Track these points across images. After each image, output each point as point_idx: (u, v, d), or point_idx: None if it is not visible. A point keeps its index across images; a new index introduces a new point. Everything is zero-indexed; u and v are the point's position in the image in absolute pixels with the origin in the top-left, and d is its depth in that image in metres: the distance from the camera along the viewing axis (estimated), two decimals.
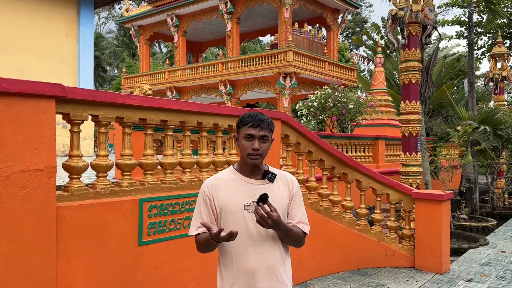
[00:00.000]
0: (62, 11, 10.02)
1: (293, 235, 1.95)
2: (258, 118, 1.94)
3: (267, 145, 1.95)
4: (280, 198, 1.98)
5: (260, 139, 1.92)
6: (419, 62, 6.92)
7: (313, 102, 12.31)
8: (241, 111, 4.53)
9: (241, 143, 1.95)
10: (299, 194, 2.06)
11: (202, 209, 2.00)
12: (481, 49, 21.07)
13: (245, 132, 1.94)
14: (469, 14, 13.31)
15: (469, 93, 12.75)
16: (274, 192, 1.96)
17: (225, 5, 19.23)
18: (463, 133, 8.58)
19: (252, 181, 1.97)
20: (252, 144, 1.91)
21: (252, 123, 1.93)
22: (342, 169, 5.69)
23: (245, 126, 1.94)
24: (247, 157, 1.93)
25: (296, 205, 2.04)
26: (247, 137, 1.93)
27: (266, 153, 1.96)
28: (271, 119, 2.01)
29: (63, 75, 10.44)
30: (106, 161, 3.16)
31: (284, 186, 2.03)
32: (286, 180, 2.05)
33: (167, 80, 21.82)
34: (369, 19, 43.02)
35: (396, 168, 9.88)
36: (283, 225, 1.86)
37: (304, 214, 2.05)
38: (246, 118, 1.96)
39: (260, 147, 1.91)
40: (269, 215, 1.75)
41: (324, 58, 19.10)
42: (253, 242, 1.91)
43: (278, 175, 2.02)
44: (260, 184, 1.97)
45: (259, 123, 1.92)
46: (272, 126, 1.99)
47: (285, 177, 2.06)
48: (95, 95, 3.03)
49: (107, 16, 54.41)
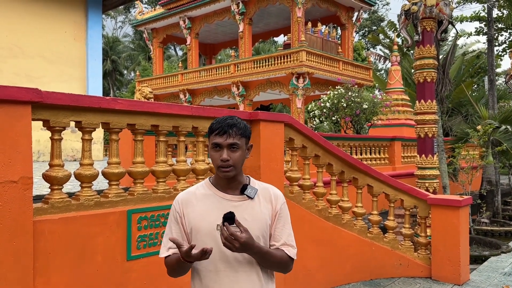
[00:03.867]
0: (70, 14, 9.97)
1: (274, 259, 1.67)
2: (226, 123, 1.65)
3: (239, 154, 1.66)
4: (261, 216, 1.71)
5: (229, 148, 1.64)
6: (434, 60, 6.56)
7: (326, 103, 11.99)
8: (241, 114, 4.29)
9: (210, 154, 1.69)
10: (284, 212, 1.78)
11: (173, 228, 1.75)
12: (502, 45, 20.33)
13: (212, 141, 1.67)
14: (488, 9, 12.78)
15: (490, 91, 12.23)
16: (254, 209, 1.70)
17: (237, 6, 19.05)
18: (483, 133, 8.17)
19: (229, 197, 1.71)
20: (220, 154, 1.64)
21: (218, 130, 1.65)
22: (352, 173, 5.38)
23: (212, 134, 1.68)
24: (218, 169, 1.67)
25: (280, 224, 1.76)
26: (214, 146, 1.66)
27: (239, 163, 1.67)
28: (246, 123, 1.74)
29: (71, 79, 10.39)
30: (91, 170, 2.95)
31: (267, 202, 1.75)
32: (269, 196, 1.76)
33: (180, 82, 21.78)
34: (386, 17, 42.28)
35: (414, 170, 9.51)
36: (258, 248, 1.58)
37: (290, 235, 1.77)
38: (213, 124, 1.69)
39: (230, 157, 1.63)
40: (235, 236, 1.48)
41: (338, 57, 18.72)
42: (226, 267, 1.65)
43: (260, 190, 1.75)
44: (237, 200, 1.71)
45: (226, 129, 1.64)
46: (245, 131, 1.69)
47: (268, 192, 1.78)
48: (76, 99, 2.83)
49: (123, 20, 54.99)
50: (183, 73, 21.86)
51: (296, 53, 17.00)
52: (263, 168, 4.11)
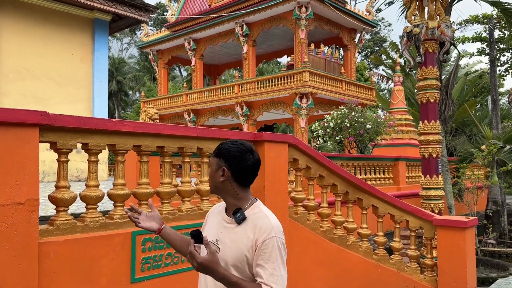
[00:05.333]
0: (77, 37, 10.16)
1: None
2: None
3: (209, 171, 1.80)
4: (238, 245, 1.66)
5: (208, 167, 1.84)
6: (437, 80, 6.60)
7: (329, 123, 12.04)
8: (245, 135, 4.33)
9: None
10: (268, 248, 1.61)
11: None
12: (504, 65, 20.46)
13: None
14: (489, 30, 12.91)
15: (493, 111, 12.24)
16: (236, 234, 1.70)
17: (241, 28, 19.35)
18: (487, 153, 8.14)
19: (225, 217, 1.79)
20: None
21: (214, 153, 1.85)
22: (357, 194, 5.36)
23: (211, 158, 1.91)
24: None
25: (261, 261, 1.60)
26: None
27: (210, 181, 1.81)
28: (231, 146, 1.75)
29: (78, 100, 10.52)
30: (97, 191, 2.97)
31: (249, 233, 1.66)
32: (254, 227, 1.66)
33: (185, 102, 21.96)
34: (388, 38, 42.77)
35: (419, 190, 9.45)
36: (222, 274, 1.53)
37: (273, 275, 1.58)
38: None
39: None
40: (192, 255, 1.51)
41: (341, 77, 18.87)
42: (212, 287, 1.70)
43: (250, 218, 1.69)
44: (228, 222, 1.76)
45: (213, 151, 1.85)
46: (219, 152, 1.76)
47: (254, 223, 1.68)
48: (84, 122, 2.87)
49: (129, 41, 55.91)
50: (187, 93, 22.07)
51: (299, 73, 17.16)
52: (268, 189, 4.11)
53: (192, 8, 23.42)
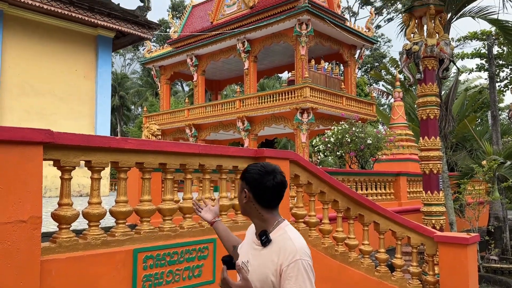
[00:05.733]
0: (81, 54, 10.29)
1: None
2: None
3: (239, 195, 1.83)
4: (264, 269, 1.66)
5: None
6: (436, 97, 6.66)
7: (330, 138, 12.08)
8: (246, 152, 4.36)
9: None
10: (293, 272, 1.58)
11: None
12: (504, 81, 20.59)
13: None
14: (488, 47, 13.04)
15: (493, 127, 12.28)
16: (262, 257, 1.70)
17: (242, 44, 19.56)
18: (488, 169, 8.14)
19: (255, 239, 1.80)
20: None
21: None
22: (358, 210, 5.36)
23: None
24: None
25: (288, 285, 1.58)
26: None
27: (240, 204, 1.83)
28: (253, 168, 1.80)
29: (81, 115, 10.60)
30: (99, 209, 2.99)
31: (275, 255, 1.66)
32: (278, 249, 1.65)
33: (186, 117, 22.07)
34: (388, 53, 43.11)
35: (420, 206, 9.43)
36: None
37: None
38: None
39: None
40: (225, 282, 1.56)
41: (342, 93, 18.99)
42: None
43: (276, 241, 1.69)
44: (257, 245, 1.76)
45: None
46: (243, 175, 1.81)
47: (279, 246, 1.67)
48: (87, 139, 2.91)
49: (132, 57, 56.40)
50: (189, 108, 22.21)
51: (300, 89, 17.28)
52: None
53: (195, 25, 23.72)
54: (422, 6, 6.69)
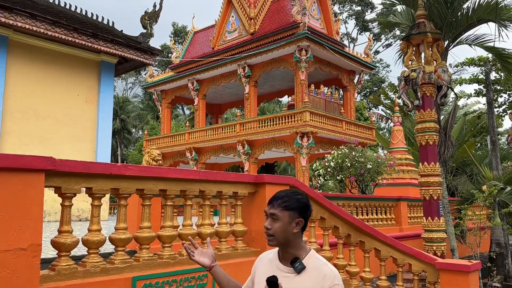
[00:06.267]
0: (83, 79, 10.43)
1: None
2: (276, 196, 1.84)
3: (278, 225, 1.76)
4: None
5: (271, 217, 1.80)
6: (435, 123, 6.72)
7: (330, 162, 12.10)
8: (247, 177, 4.38)
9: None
10: None
11: (249, 277, 2.01)
12: (502, 106, 20.77)
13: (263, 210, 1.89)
14: (486, 73, 13.22)
15: (492, 152, 12.32)
16: (297, 284, 1.73)
17: (243, 69, 19.83)
18: (488, 195, 8.13)
19: (281, 267, 1.80)
20: (265, 222, 1.82)
21: (270, 199, 1.85)
22: (359, 236, 5.33)
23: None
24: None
25: None
26: (265, 214, 1.85)
27: (278, 234, 1.77)
28: (301, 198, 1.83)
29: (82, 140, 10.65)
30: (99, 236, 2.99)
31: (313, 280, 1.73)
32: (317, 274, 1.73)
33: (187, 141, 22.15)
34: (387, 78, 43.59)
35: (421, 231, 9.36)
36: None
37: None
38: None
39: (270, 226, 1.78)
40: None
41: (341, 117, 19.13)
42: None
43: (310, 267, 1.75)
44: (287, 271, 1.78)
45: (272, 200, 1.82)
46: (290, 205, 1.79)
47: (318, 271, 1.74)
48: (88, 166, 2.93)
49: (134, 81, 57.05)
50: (190, 132, 22.32)
51: (300, 113, 17.42)
52: None
53: (196, 50, 24.10)
54: (419, 34, 6.83)
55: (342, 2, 45.05)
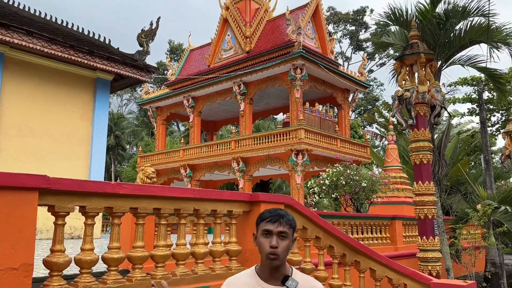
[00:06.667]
0: (79, 96, 10.44)
1: None
2: (277, 213, 1.81)
3: (287, 243, 1.77)
4: None
5: (278, 236, 1.75)
6: (429, 142, 6.78)
7: (325, 180, 12.09)
8: (242, 196, 4.36)
9: (259, 241, 1.78)
10: None
11: None
12: (495, 125, 20.99)
13: (263, 228, 1.78)
14: (478, 93, 13.40)
15: (486, 171, 12.40)
16: None
17: (238, 87, 19.96)
18: (483, 214, 8.14)
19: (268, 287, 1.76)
20: (270, 241, 1.74)
21: (270, 217, 1.78)
22: (354, 256, 5.30)
23: (264, 222, 1.80)
24: (266, 257, 1.74)
25: None
26: (265, 233, 1.77)
27: (285, 253, 1.76)
28: (292, 216, 1.87)
29: (76, 156, 10.60)
30: (91, 255, 2.95)
31: None
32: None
33: (181, 158, 22.09)
34: (381, 97, 44.01)
35: (416, 251, 9.31)
36: None
37: None
38: (265, 213, 1.84)
39: (278, 244, 1.73)
40: None
41: (336, 135, 19.22)
42: None
43: (302, 283, 1.75)
44: None
45: (278, 218, 1.78)
46: (294, 223, 1.84)
47: (309, 284, 1.78)
48: (82, 185, 2.92)
49: (129, 98, 57.16)
50: (184, 148, 22.29)
51: (295, 131, 17.48)
52: None
53: (192, 67, 24.27)
54: (412, 54, 6.94)
55: (337, 22, 45.78)
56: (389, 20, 8.76)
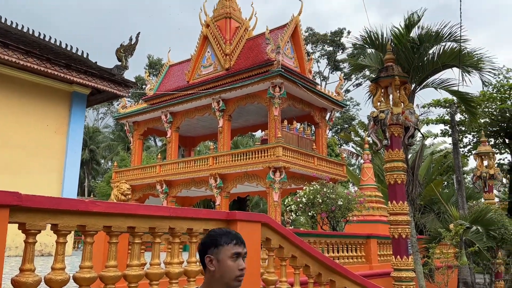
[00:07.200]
0: (54, 109, 10.26)
1: None
2: (238, 235, 1.81)
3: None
4: None
5: (243, 257, 1.77)
6: (403, 163, 6.93)
7: (302, 198, 12.15)
8: (218, 214, 4.34)
9: (227, 264, 1.71)
10: None
11: None
12: (467, 146, 21.65)
13: (232, 251, 1.74)
14: (451, 115, 13.83)
15: (458, 192, 12.72)
16: None
17: (217, 103, 20.01)
18: (455, 234, 8.31)
19: None
20: (239, 264, 1.73)
21: (236, 240, 1.76)
22: (330, 275, 5.32)
23: (230, 244, 1.75)
24: (234, 280, 1.71)
25: None
26: (235, 255, 1.74)
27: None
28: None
29: (49, 170, 10.35)
30: (62, 275, 2.86)
31: None
32: None
33: (158, 173, 21.82)
34: (357, 116, 44.84)
35: (391, 269, 9.39)
36: None
37: None
38: (225, 235, 1.79)
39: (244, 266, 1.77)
40: None
41: (313, 153, 19.41)
42: None
43: None
44: None
45: (242, 240, 1.79)
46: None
47: None
48: (56, 202, 2.85)
49: (105, 111, 56.40)
50: (161, 164, 22.04)
51: (273, 148, 17.58)
52: None
53: (171, 83, 24.23)
54: (387, 77, 7.13)
55: (315, 42, 46.75)
56: (365, 43, 9.00)
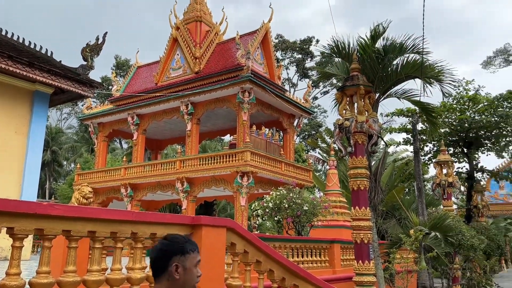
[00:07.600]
0: (14, 108, 9.88)
1: None
2: (192, 241, 1.84)
3: None
4: None
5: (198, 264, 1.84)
6: (366, 169, 7.12)
7: (269, 203, 12.21)
8: (183, 219, 4.31)
9: (192, 272, 1.76)
10: None
11: None
12: (428, 155, 22.44)
13: (198, 259, 1.80)
14: (412, 125, 14.33)
15: (419, 198, 13.16)
16: None
17: (186, 106, 19.85)
18: (414, 239, 8.59)
19: None
20: (198, 271, 1.80)
21: (197, 247, 1.82)
22: (293, 280, 5.37)
23: (195, 252, 1.80)
24: (194, 286, 1.78)
25: None
26: (197, 263, 1.80)
27: None
28: None
29: (7, 171, 9.96)
30: (17, 281, 2.76)
31: None
32: None
33: (123, 176, 21.35)
34: (324, 123, 45.59)
35: (353, 274, 9.58)
36: None
37: None
38: (189, 242, 1.81)
39: None
40: None
41: (281, 158, 19.57)
42: None
43: None
44: None
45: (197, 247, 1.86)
46: None
47: None
48: (12, 205, 2.75)
49: (69, 112, 54.74)
50: (126, 167, 21.58)
51: (241, 153, 17.60)
52: (203, 278, 4.02)
53: (138, 84, 23.83)
54: (353, 86, 7.33)
55: (284, 49, 47.27)
56: (332, 52, 9.21)
